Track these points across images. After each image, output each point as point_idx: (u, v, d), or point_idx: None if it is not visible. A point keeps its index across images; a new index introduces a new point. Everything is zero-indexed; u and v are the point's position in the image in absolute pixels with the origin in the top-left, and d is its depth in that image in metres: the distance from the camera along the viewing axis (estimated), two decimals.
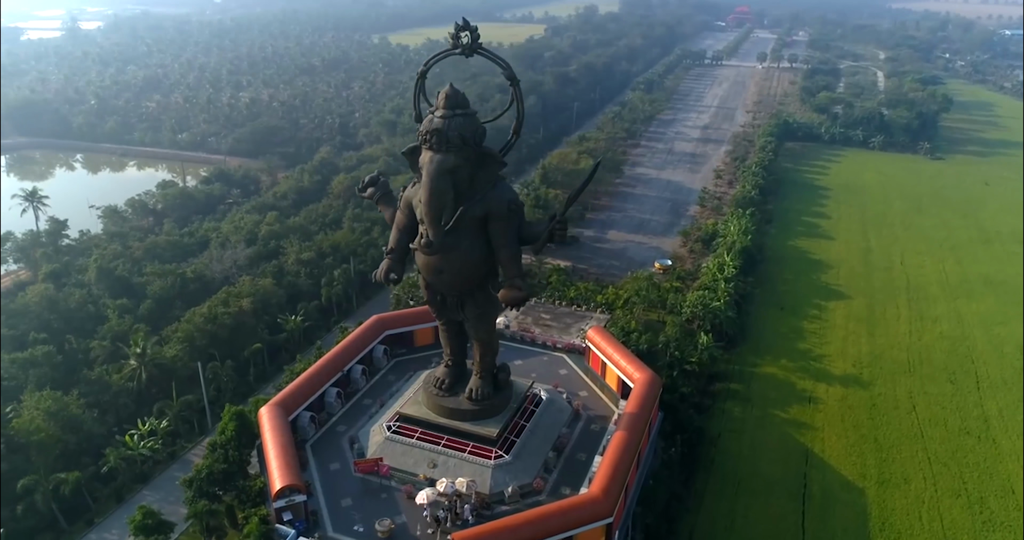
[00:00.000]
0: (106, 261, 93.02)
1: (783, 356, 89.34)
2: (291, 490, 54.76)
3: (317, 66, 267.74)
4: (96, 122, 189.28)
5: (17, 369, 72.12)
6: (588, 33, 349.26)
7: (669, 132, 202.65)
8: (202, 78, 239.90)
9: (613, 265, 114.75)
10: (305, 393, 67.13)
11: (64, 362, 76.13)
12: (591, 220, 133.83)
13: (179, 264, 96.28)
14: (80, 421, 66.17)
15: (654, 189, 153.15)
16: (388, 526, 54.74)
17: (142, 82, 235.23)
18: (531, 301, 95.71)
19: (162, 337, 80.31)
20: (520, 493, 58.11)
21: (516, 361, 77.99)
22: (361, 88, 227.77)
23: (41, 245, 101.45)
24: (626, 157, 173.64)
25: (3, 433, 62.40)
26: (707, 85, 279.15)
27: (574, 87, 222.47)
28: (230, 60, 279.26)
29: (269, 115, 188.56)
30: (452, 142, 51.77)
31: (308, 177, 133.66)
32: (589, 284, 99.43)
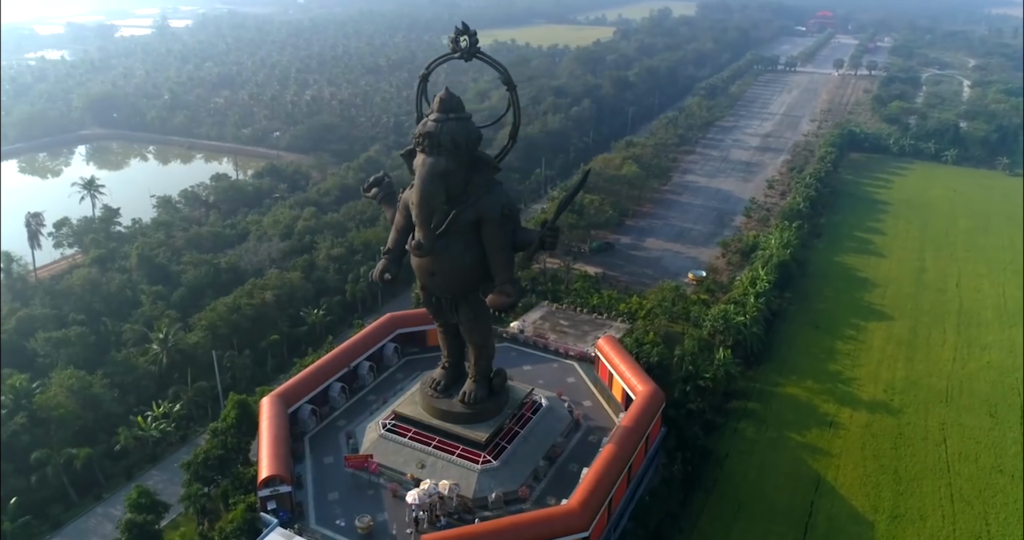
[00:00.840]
0: (147, 249, 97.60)
1: (809, 377, 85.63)
2: (277, 480, 56.11)
3: (383, 66, 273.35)
4: (167, 116, 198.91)
5: (51, 347, 76.56)
6: (657, 37, 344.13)
7: (727, 139, 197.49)
8: (271, 76, 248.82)
9: (645, 274, 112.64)
10: (308, 386, 68.66)
11: (96, 343, 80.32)
12: (630, 227, 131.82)
13: (216, 255, 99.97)
14: (100, 400, 69.64)
15: (701, 197, 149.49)
16: (367, 523, 55.37)
17: (216, 78, 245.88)
18: (551, 307, 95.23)
19: (188, 324, 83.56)
20: (504, 500, 57.72)
21: (525, 366, 77.83)
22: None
23: (93, 231, 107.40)
24: (677, 164, 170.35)
25: (27, 407, 66.33)
26: (775, 92, 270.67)
27: (633, 91, 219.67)
28: (301, 59, 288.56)
29: (328, 113, 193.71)
30: (444, 146, 51.95)
31: (353, 175, 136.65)
32: (613, 292, 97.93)
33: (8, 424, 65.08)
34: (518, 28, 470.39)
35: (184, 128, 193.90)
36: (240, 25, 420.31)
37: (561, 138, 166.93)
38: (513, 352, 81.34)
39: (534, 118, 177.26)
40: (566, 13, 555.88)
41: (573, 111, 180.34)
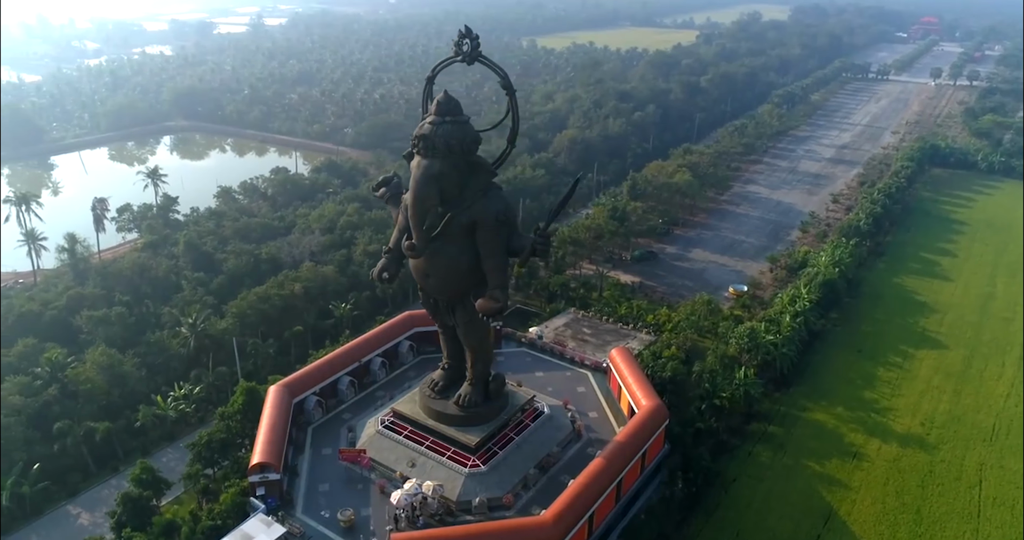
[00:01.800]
0: (195, 237, 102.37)
1: (840, 403, 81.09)
2: (266, 467, 57.67)
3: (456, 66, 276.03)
4: (245, 110, 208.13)
5: (93, 325, 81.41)
6: (741, 41, 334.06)
7: (799, 150, 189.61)
8: (348, 74, 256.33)
9: (685, 285, 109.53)
10: (315, 378, 70.34)
11: (135, 323, 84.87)
12: (678, 236, 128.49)
13: (259, 245, 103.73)
14: (127, 378, 73.58)
15: (759, 209, 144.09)
16: (349, 516, 56.26)
17: (296, 75, 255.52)
18: (578, 314, 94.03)
19: (222, 311, 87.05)
20: (488, 505, 57.38)
21: (537, 372, 77.24)
22: (489, 89, 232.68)
23: (150, 218, 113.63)
24: (740, 173, 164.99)
25: (60, 379, 70.88)
26: (861, 101, 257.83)
27: (704, 97, 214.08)
28: (380, 57, 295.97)
29: (395, 111, 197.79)
30: (438, 148, 52.15)
31: (404, 173, 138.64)
32: (643, 302, 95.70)
33: (42, 394, 69.70)
34: (601, 31, 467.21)
35: (259, 122, 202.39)
36: (329, 24, 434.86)
37: (620, 143, 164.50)
38: (528, 357, 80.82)
39: (595, 122, 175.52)
40: (652, 16, 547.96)
41: (636, 116, 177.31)
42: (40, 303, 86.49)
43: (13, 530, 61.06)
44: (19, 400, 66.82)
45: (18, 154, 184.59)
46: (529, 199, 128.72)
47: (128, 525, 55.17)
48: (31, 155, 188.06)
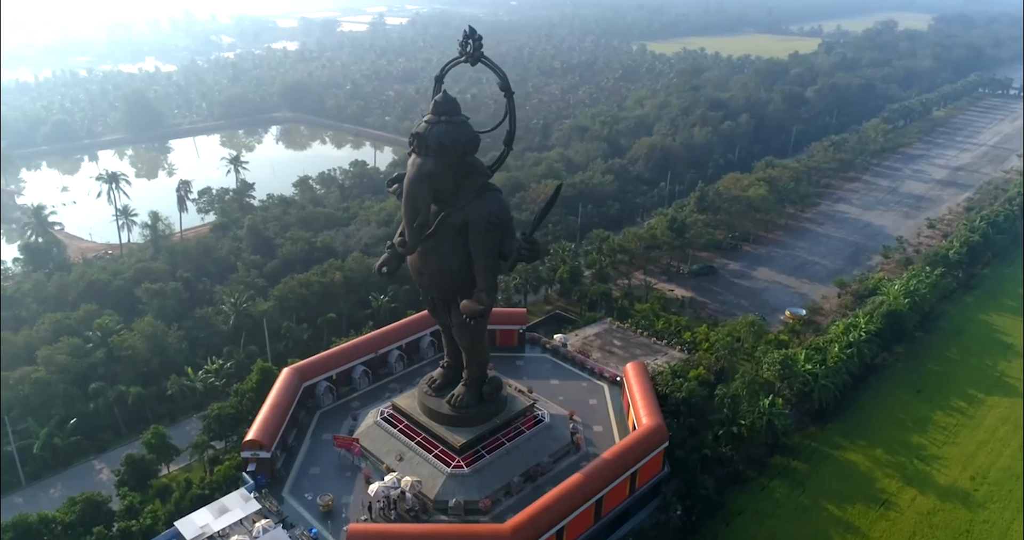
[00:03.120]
0: (260, 221, 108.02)
1: (881, 445, 74.53)
2: (257, 445, 59.96)
3: (556, 68, 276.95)
4: (344, 104, 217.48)
5: (150, 297, 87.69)
6: (865, 51, 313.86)
7: (906, 169, 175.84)
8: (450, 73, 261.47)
9: (739, 304, 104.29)
10: (328, 365, 72.47)
11: (189, 299, 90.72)
12: (746, 252, 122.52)
13: (316, 233, 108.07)
14: (167, 349, 78.78)
15: (844, 230, 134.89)
16: (327, 501, 57.67)
17: (400, 73, 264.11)
18: (613, 324, 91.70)
19: (268, 294, 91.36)
20: (464, 507, 57.07)
21: (553, 380, 76.18)
22: (584, 92, 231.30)
23: (224, 201, 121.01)
24: (831, 190, 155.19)
25: (108, 344, 76.87)
26: (994, 120, 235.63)
27: (807, 109, 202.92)
28: None
29: (483, 111, 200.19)
30: (431, 148, 52.40)
31: None
32: (683, 318, 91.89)
33: (89, 356, 75.90)
34: (720, 37, 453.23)
35: (356, 117, 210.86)
36: (446, 24, 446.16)
37: (703, 152, 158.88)
38: (548, 364, 79.82)
39: (681, 130, 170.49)
40: (778, 23, 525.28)
41: (725, 125, 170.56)
42: (111, 273, 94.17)
43: (42, 476, 66.82)
44: (66, 359, 73.02)
45: (140, 137, 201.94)
46: (592, 205, 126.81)
47: (128, 484, 58.97)
48: (152, 138, 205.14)
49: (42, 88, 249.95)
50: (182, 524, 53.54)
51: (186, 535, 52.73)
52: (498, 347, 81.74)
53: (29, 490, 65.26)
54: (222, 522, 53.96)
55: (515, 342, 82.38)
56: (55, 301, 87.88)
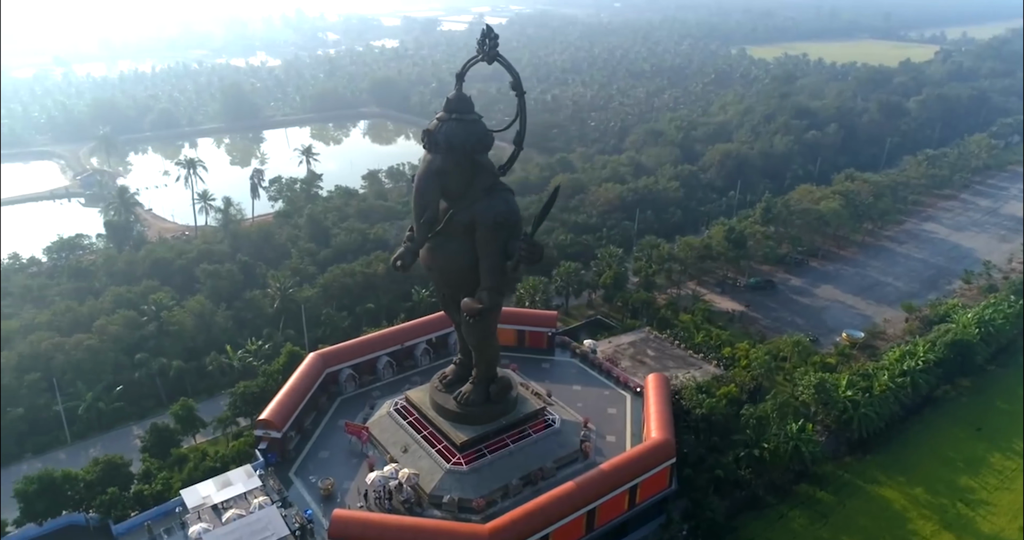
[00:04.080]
0: (319, 211, 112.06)
1: (923, 483, 69.10)
2: (269, 424, 62.30)
3: (645, 71, 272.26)
4: (428, 101, 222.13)
5: (206, 277, 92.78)
6: (988, 60, 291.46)
7: (1012, 188, 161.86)
8: (536, 73, 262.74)
9: (793, 322, 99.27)
10: (353, 353, 74.27)
11: (244, 281, 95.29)
12: (811, 268, 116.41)
13: (372, 225, 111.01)
14: (213, 327, 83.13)
15: (927, 251, 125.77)
16: (328, 485, 59.21)
17: (488, 72, 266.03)
18: (650, 333, 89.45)
19: (316, 280, 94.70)
20: (458, 505, 57.17)
21: (575, 386, 75.20)
22: (670, 96, 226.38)
23: (292, 190, 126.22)
24: (921, 208, 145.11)
25: (160, 318, 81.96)
26: None
27: (907, 120, 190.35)
28: (575, 59, 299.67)
29: (562, 113, 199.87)
30: (440, 145, 52.77)
31: (538, 172, 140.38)
32: (724, 332, 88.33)
33: (142, 329, 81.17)
34: (830, 42, 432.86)
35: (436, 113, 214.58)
36: (544, 25, 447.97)
37: (781, 162, 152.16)
38: (574, 369, 78.75)
39: (763, 137, 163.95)
40: (896, 29, 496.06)
41: (809, 135, 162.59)
42: (176, 253, 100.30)
43: (85, 436, 72.02)
44: (119, 330, 78.41)
45: (235, 126, 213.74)
46: (652, 211, 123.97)
47: (150, 451, 62.70)
48: (247, 128, 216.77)
49: (156, 79, 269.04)
50: (187, 493, 56.40)
51: (188, 503, 55.53)
52: (527, 348, 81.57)
53: (72, 448, 70.52)
54: (223, 495, 56.43)
55: (545, 345, 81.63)
56: (123, 276, 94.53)
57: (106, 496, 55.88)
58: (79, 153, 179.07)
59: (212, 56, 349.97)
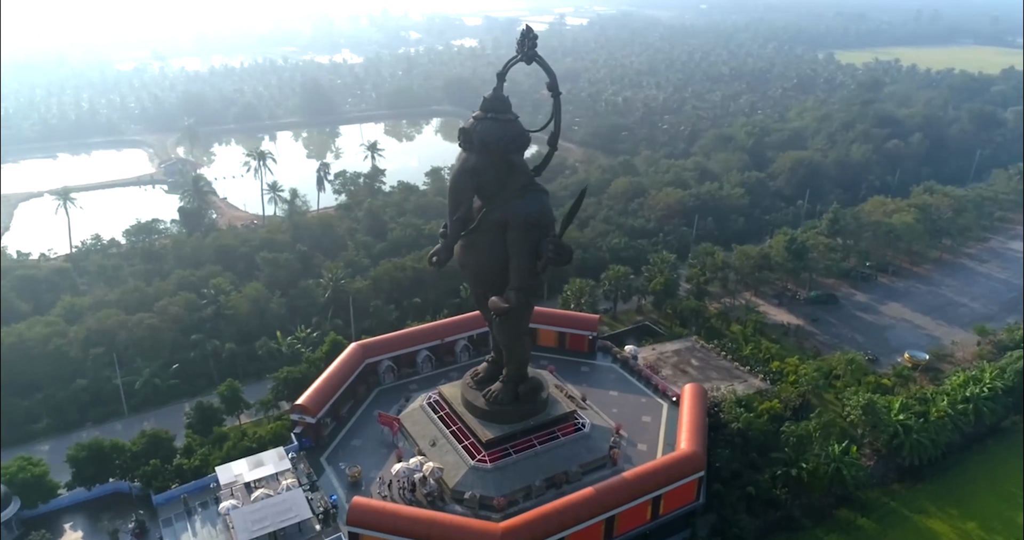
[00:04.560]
0: (379, 206, 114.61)
1: (977, 518, 64.86)
2: (304, 410, 64.26)
3: (724, 75, 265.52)
4: None
5: (265, 265, 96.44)
6: None
7: None
8: (611, 74, 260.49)
9: (853, 340, 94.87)
10: (392, 346, 75.75)
11: (301, 270, 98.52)
12: (880, 284, 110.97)
13: (429, 221, 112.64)
14: (266, 313, 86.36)
15: (1009, 271, 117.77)
16: (356, 472, 60.73)
17: (563, 72, 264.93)
18: (697, 342, 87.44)
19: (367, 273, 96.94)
20: (479, 502, 57.61)
21: (612, 391, 74.45)
22: (746, 101, 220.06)
23: (356, 184, 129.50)
24: (1010, 225, 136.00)
25: (218, 302, 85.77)
26: None
27: (1002, 131, 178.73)
28: (653, 61, 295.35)
29: (631, 115, 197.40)
30: (474, 143, 53.30)
31: (599, 174, 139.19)
32: (774, 345, 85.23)
33: (202, 311, 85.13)
34: (928, 47, 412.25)
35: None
36: (625, 26, 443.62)
37: (856, 172, 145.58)
38: (613, 375, 77.86)
39: (839, 146, 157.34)
40: (1003, 34, 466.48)
41: (890, 144, 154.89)
42: (240, 240, 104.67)
43: (141, 410, 76.08)
44: (179, 311, 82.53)
45: (313, 121, 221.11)
46: (713, 217, 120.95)
47: (194, 428, 65.79)
48: (323, 123, 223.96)
49: (244, 73, 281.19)
50: (221, 470, 58.97)
51: (222, 480, 58.06)
52: (567, 351, 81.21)
53: (128, 420, 74.70)
54: (254, 474, 58.73)
55: (586, 348, 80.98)
56: (190, 260, 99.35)
57: (149, 467, 58.92)
58: (166, 143, 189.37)
59: (299, 53, 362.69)
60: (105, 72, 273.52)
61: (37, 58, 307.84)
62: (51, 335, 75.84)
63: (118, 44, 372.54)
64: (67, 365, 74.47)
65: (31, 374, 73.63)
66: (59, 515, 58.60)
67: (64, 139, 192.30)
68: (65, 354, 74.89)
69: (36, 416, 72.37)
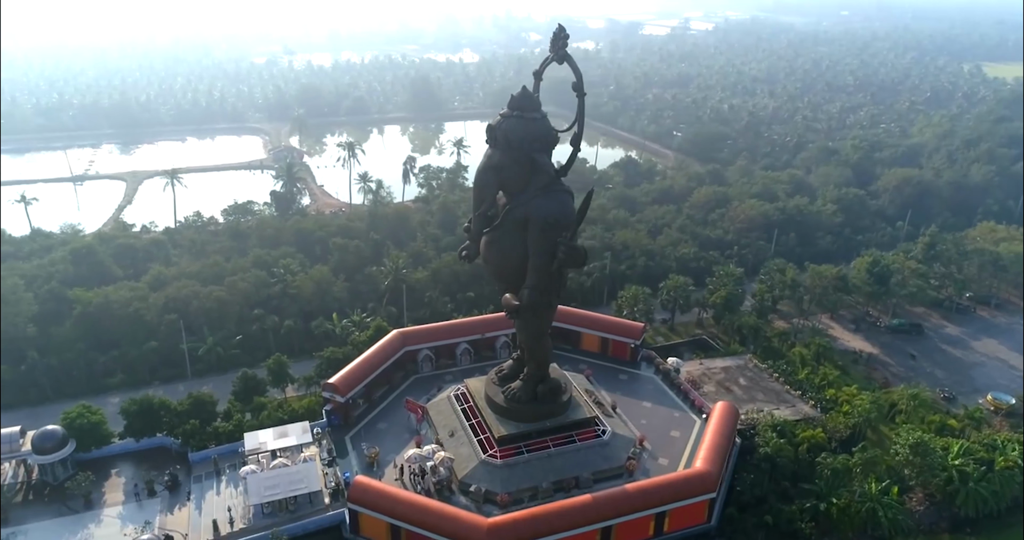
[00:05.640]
0: (452, 201, 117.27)
1: None
2: (334, 389, 67.10)
3: (848, 85, 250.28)
4: (600, 103, 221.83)
5: (335, 250, 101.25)
6: None
7: None
8: (722, 81, 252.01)
9: (932, 375, 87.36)
10: (432, 336, 77.70)
11: (370, 257, 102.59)
12: (978, 317, 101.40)
13: None
14: (327, 295, 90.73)
15: None
16: (373, 453, 63.03)
17: (674, 77, 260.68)
18: (750, 361, 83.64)
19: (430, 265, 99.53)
20: (484, 496, 58.37)
21: (646, 402, 73.19)
22: (866, 113, 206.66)
23: (437, 179, 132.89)
24: None
25: (285, 281, 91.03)
26: None
27: None
28: (772, 68, 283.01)
29: (735, 123, 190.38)
30: (497, 141, 53.89)
31: (683, 182, 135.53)
32: (835, 373, 79.82)
33: (270, 289, 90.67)
34: None
35: (608, 116, 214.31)
36: (752, 32, 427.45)
37: (973, 195, 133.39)
38: (651, 385, 76.27)
39: (958, 165, 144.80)
40: None
41: (1017, 167, 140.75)
42: (318, 225, 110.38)
43: (203, 375, 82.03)
44: (247, 287, 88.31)
45: (419, 117, 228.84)
46: (796, 233, 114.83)
47: (236, 395, 70.44)
48: (429, 119, 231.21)
49: (363, 69, 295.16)
50: (249, 436, 62.82)
51: (247, 445, 61.87)
52: (610, 358, 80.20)
53: (190, 382, 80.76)
54: (277, 444, 62.10)
55: (628, 356, 79.65)
56: (271, 240, 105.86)
57: (188, 426, 63.71)
58: (281, 131, 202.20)
59: (421, 51, 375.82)
60: (240, 65, 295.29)
61: (186, 50, 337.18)
62: (133, 299, 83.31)
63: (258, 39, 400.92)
64: (143, 327, 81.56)
65: (111, 333, 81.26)
66: (109, 461, 64.47)
67: (194, 124, 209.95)
68: (142, 317, 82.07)
69: (112, 371, 79.90)
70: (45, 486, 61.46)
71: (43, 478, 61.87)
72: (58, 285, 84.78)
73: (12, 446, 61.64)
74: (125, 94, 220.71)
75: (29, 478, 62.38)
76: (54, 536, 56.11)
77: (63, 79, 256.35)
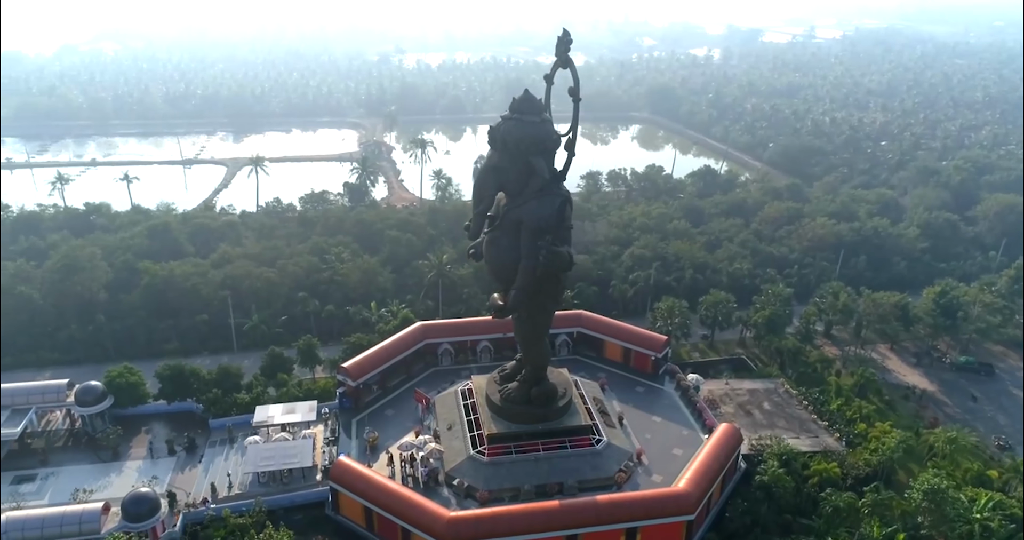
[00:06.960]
0: None
1: None
2: (346, 373, 70.10)
3: (976, 101, 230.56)
4: (697, 111, 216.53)
5: (389, 243, 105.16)
6: None
7: None
8: (832, 93, 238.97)
9: (992, 420, 79.96)
10: (453, 331, 79.61)
11: (422, 251, 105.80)
12: None
13: None
14: (371, 284, 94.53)
15: None
16: (373, 438, 65.79)
17: (784, 87, 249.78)
18: (782, 386, 79.93)
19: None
20: (466, 490, 59.58)
21: (656, 417, 72.14)
22: (988, 133, 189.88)
23: None
24: None
25: (333, 268, 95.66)
26: None
27: None
28: (894, 81, 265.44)
29: (834, 137, 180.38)
30: (496, 142, 54.77)
31: (758, 194, 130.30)
32: (870, 407, 74.63)
33: (319, 274, 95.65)
34: None
35: (702, 125, 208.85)
36: (883, 42, 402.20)
37: None
38: (666, 400, 74.78)
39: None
40: None
41: None
42: (379, 218, 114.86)
43: (247, 350, 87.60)
44: (297, 270, 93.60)
45: None
46: (867, 255, 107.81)
47: (262, 371, 75.09)
48: None
49: (468, 69, 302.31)
50: (260, 409, 66.97)
51: (256, 417, 65.98)
52: (631, 369, 79.01)
53: (235, 355, 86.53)
54: (283, 419, 65.85)
55: (649, 368, 78.19)
56: (332, 229, 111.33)
57: (212, 394, 68.75)
58: (376, 126, 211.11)
59: (532, 53, 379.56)
60: (353, 62, 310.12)
61: (307, 46, 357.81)
62: (192, 274, 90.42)
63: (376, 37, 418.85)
64: (198, 301, 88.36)
65: (171, 303, 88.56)
66: (142, 419, 70.67)
67: (300, 116, 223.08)
68: (199, 292, 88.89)
69: (168, 338, 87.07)
70: (84, 435, 68.25)
71: (84, 428, 68.72)
72: (132, 257, 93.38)
73: (60, 396, 68.86)
74: (242, 86, 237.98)
75: (72, 427, 69.51)
76: (80, 480, 62.24)
77: (193, 70, 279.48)
